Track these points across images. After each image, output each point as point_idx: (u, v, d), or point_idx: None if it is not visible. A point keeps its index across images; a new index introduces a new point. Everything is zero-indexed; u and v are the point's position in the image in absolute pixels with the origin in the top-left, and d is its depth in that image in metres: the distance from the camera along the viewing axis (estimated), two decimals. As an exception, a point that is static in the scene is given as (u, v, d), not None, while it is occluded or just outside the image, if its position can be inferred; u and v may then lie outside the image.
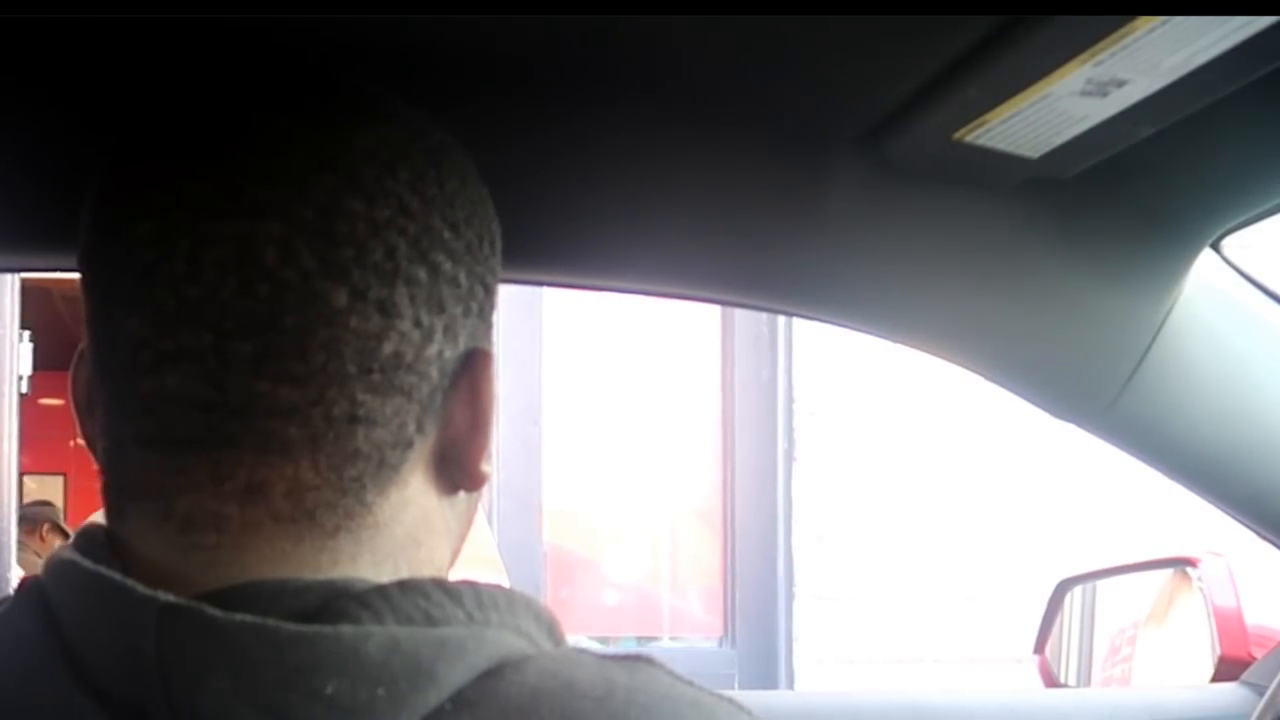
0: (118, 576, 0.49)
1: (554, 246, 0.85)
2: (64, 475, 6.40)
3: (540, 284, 1.83)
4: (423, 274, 0.53)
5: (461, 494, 0.58)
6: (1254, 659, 1.32)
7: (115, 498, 0.55)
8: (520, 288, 3.08)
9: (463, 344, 0.55)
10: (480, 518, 2.29)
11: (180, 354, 0.51)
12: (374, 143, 0.53)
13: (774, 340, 3.31)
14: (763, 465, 3.32)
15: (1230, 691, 1.28)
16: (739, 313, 3.27)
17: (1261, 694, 1.15)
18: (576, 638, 3.21)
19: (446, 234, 0.54)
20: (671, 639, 3.38)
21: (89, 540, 0.54)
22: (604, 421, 3.35)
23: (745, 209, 0.85)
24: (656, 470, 3.36)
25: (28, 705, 0.49)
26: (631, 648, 3.28)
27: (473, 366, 0.56)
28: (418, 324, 0.53)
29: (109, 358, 0.53)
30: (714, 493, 3.36)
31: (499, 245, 0.59)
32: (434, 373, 0.54)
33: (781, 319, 3.21)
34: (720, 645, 3.35)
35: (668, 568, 3.39)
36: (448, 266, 0.54)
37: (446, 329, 0.54)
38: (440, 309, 0.53)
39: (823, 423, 3.28)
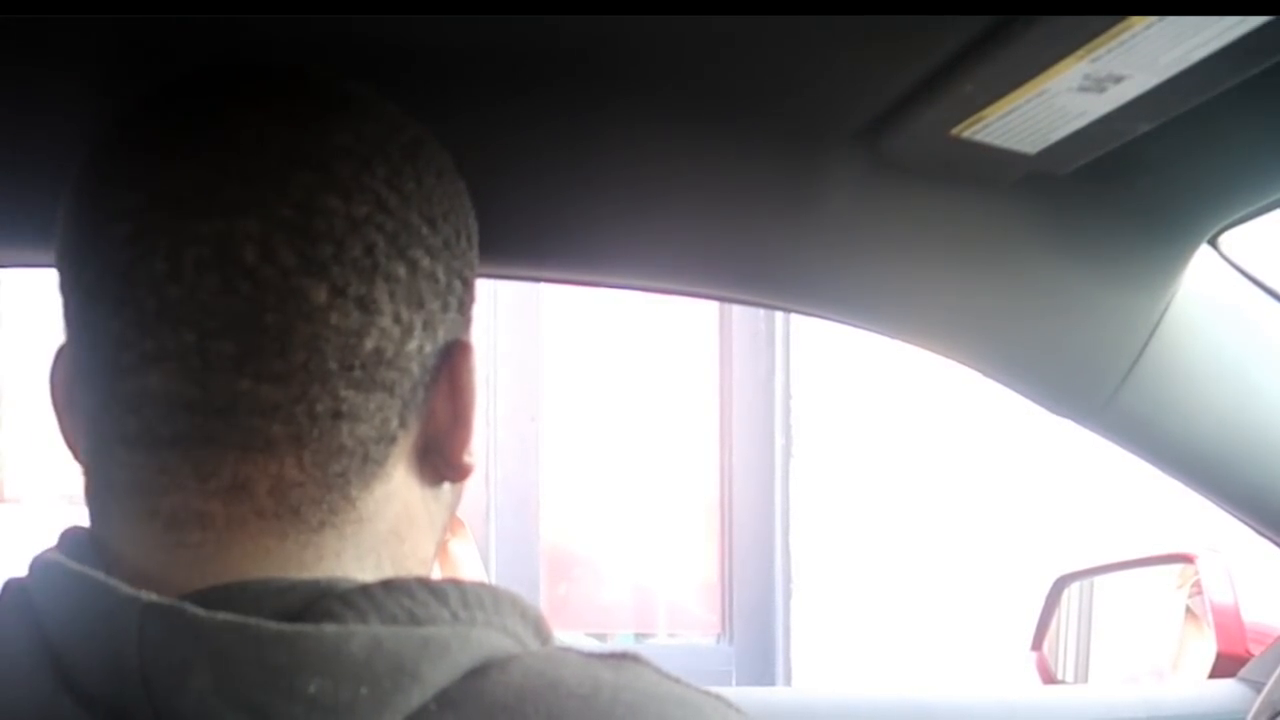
0: (101, 576, 0.49)
1: (552, 243, 0.85)
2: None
3: (539, 280, 1.83)
4: (401, 270, 0.53)
5: (445, 485, 0.58)
6: (1251, 655, 1.32)
7: (99, 497, 0.54)
8: (519, 285, 3.07)
9: (442, 338, 0.55)
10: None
11: (162, 354, 0.50)
12: (351, 139, 0.53)
13: (772, 337, 3.31)
14: (760, 462, 3.31)
15: (1227, 688, 1.28)
16: (737, 309, 3.26)
17: (1259, 690, 1.16)
18: (574, 634, 3.21)
19: (424, 230, 0.54)
20: (669, 635, 3.38)
21: (73, 542, 0.54)
22: (602, 418, 3.35)
23: (742, 205, 0.85)
24: (654, 467, 3.36)
25: (10, 707, 0.49)
26: (629, 644, 3.28)
27: (452, 359, 0.56)
28: (397, 320, 0.53)
29: (90, 358, 0.53)
30: (712, 489, 3.36)
31: (476, 239, 0.59)
32: (415, 368, 0.54)
33: (779, 315, 3.21)
34: (718, 642, 3.35)
35: (665, 564, 3.39)
36: (426, 262, 0.54)
37: (426, 324, 0.54)
38: (419, 304, 0.54)
39: (821, 419, 3.28)
